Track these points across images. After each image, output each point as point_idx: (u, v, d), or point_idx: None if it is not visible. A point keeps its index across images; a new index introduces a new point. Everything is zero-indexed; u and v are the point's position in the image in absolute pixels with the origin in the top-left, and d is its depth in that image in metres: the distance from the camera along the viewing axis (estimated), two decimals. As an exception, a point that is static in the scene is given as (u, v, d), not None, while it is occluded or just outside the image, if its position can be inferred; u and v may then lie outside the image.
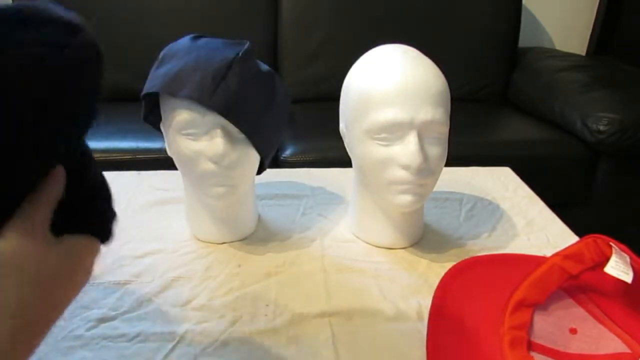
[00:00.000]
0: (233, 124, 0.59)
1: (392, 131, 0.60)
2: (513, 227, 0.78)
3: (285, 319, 0.57)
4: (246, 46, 0.61)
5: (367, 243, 0.72)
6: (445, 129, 0.62)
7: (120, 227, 0.74)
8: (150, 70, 0.64)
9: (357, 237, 0.74)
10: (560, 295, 0.55)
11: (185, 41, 0.63)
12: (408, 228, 0.71)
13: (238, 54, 0.60)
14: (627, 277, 0.48)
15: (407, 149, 0.60)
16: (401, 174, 0.61)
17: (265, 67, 0.66)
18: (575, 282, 0.54)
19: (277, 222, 0.78)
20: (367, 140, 0.63)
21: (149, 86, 0.61)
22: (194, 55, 0.60)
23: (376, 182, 0.64)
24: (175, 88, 0.58)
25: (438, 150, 0.62)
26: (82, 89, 0.32)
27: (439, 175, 0.65)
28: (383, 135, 0.61)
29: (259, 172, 0.70)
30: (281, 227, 0.77)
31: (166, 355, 0.52)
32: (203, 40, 0.63)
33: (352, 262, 0.68)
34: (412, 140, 0.60)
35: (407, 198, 0.63)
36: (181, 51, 0.61)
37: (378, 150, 0.62)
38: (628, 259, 0.50)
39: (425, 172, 0.61)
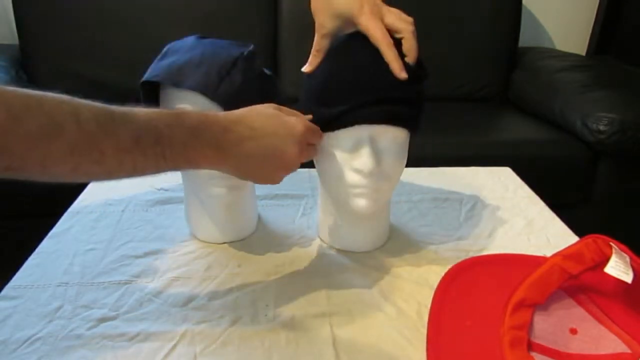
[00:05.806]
0: None
1: None
2: (513, 227, 0.78)
3: (285, 319, 0.57)
4: (251, 47, 0.62)
5: (332, 247, 0.71)
6: (401, 134, 0.61)
7: (120, 227, 0.75)
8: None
9: (320, 239, 0.73)
10: (560, 295, 0.55)
11: (190, 39, 0.64)
12: (369, 231, 0.70)
13: (243, 53, 0.61)
14: (627, 277, 0.48)
15: (359, 153, 0.60)
16: (355, 177, 0.60)
17: (267, 71, 0.66)
18: (575, 282, 0.54)
19: (277, 222, 0.78)
20: (323, 145, 0.62)
21: (151, 75, 0.61)
22: (200, 50, 0.60)
23: (333, 185, 0.63)
24: (180, 79, 0.58)
25: (394, 155, 0.61)
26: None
27: (396, 181, 0.63)
28: None
29: None
30: (281, 227, 0.77)
31: (166, 355, 0.52)
32: (208, 40, 0.64)
33: (352, 262, 0.68)
34: (364, 144, 0.59)
35: (361, 202, 0.61)
36: (187, 46, 0.62)
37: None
38: (628, 259, 0.50)
39: (378, 176, 0.60)
